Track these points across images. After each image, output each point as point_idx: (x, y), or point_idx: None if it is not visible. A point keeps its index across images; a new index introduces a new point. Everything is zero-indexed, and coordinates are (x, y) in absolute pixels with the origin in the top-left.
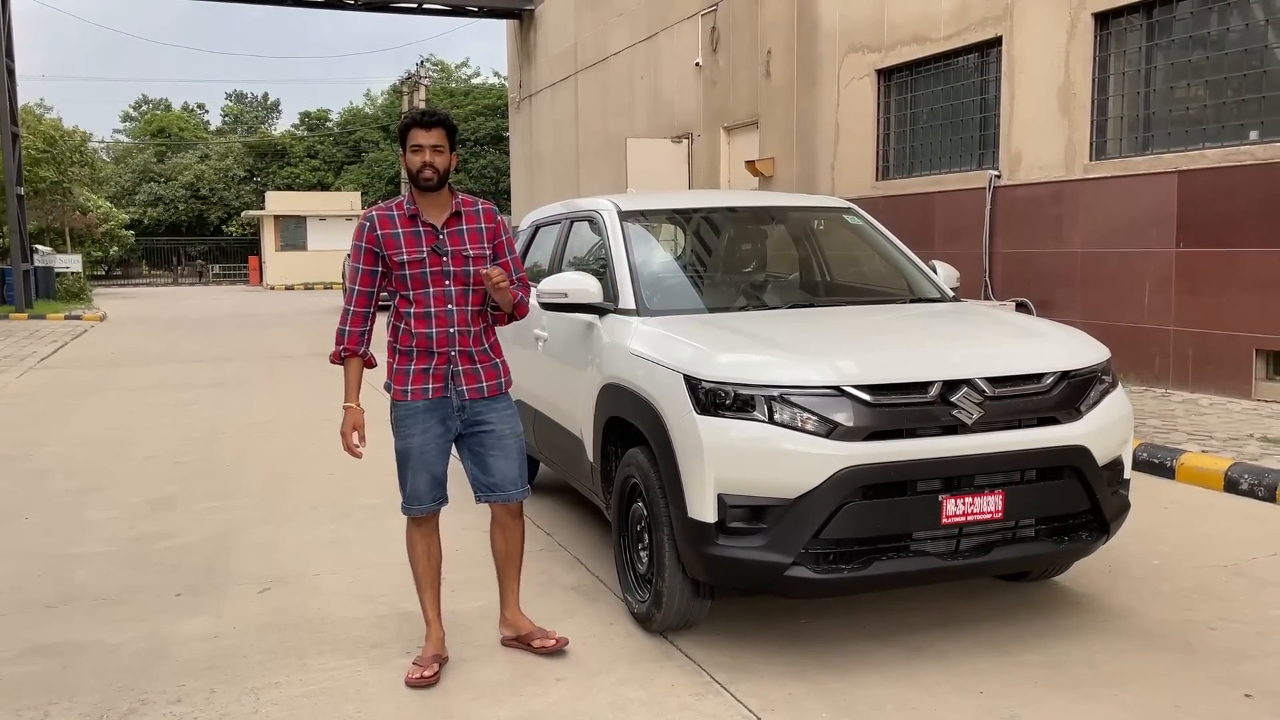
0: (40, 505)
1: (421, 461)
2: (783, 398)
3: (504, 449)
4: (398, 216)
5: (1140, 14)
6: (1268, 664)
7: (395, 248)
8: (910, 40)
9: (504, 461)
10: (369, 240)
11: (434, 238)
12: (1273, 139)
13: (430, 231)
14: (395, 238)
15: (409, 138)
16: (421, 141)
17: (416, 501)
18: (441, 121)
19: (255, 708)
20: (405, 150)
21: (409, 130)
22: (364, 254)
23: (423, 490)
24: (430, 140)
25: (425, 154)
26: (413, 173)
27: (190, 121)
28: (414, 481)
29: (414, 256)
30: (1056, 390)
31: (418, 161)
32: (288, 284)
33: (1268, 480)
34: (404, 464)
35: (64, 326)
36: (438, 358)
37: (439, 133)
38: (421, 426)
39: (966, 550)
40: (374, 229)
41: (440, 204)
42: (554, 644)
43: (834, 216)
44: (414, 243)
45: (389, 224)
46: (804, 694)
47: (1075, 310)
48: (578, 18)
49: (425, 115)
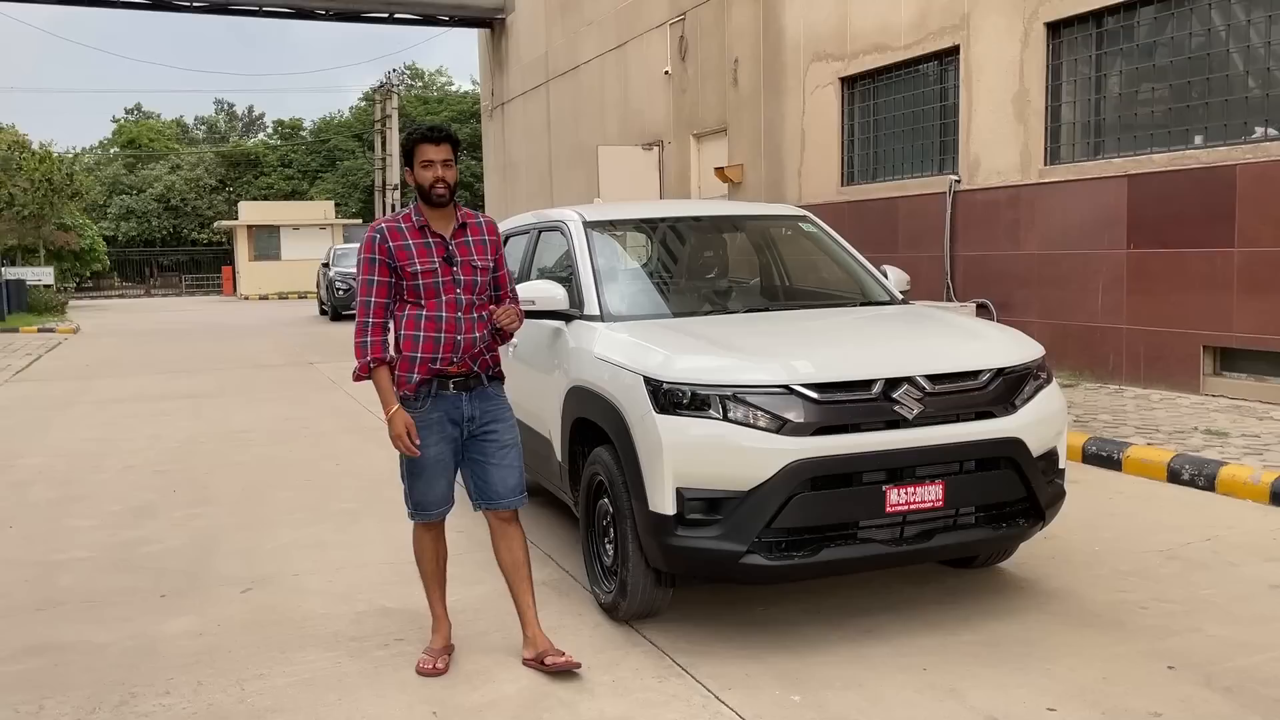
0: (22, 515)
1: (437, 469)
2: (736, 397)
3: (505, 458)
4: (406, 228)
5: (1090, 24)
6: (1191, 639)
7: (408, 259)
8: (872, 49)
9: (505, 471)
10: (381, 252)
11: (444, 248)
12: (1216, 143)
13: (440, 242)
14: (407, 249)
15: (418, 153)
16: (432, 157)
17: (429, 509)
18: (449, 136)
19: (241, 697)
20: (414, 166)
21: (418, 145)
22: (377, 266)
23: (439, 496)
24: (440, 155)
25: (437, 169)
26: (425, 188)
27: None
28: (428, 490)
29: (426, 266)
30: (992, 386)
31: (430, 177)
32: (262, 294)
33: (1207, 470)
34: (419, 474)
35: (37, 339)
36: (442, 362)
37: (447, 147)
38: (436, 437)
39: (910, 537)
40: (385, 241)
41: (447, 216)
42: (565, 660)
43: (791, 224)
44: (425, 253)
45: (399, 235)
46: (760, 674)
47: (1032, 310)
48: (548, 27)
49: (434, 130)
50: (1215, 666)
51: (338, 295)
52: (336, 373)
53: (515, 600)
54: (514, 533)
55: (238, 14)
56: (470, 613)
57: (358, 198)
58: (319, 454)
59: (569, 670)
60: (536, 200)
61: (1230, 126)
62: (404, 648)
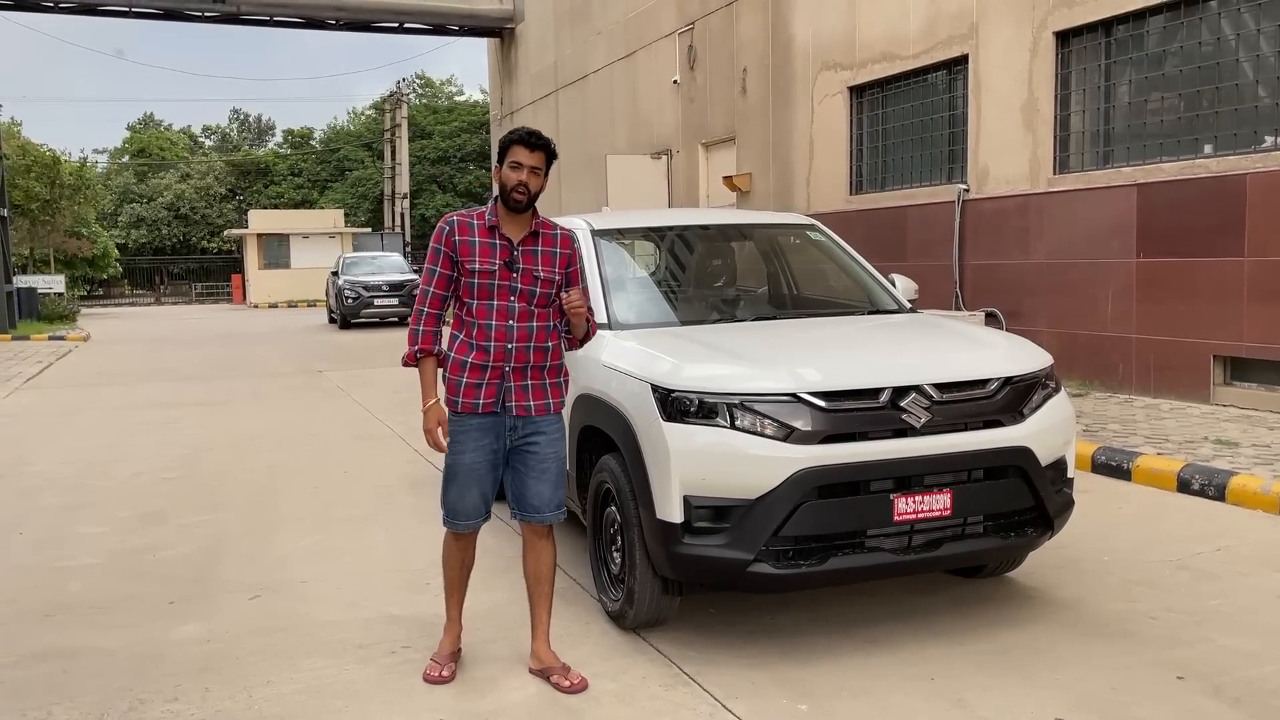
0: (32, 521)
1: (471, 478)
2: (743, 405)
3: (545, 472)
4: (477, 225)
5: (1099, 33)
6: (1200, 649)
7: (470, 255)
8: (881, 58)
9: (543, 484)
10: (447, 244)
11: (509, 252)
12: (1226, 152)
13: (506, 246)
14: (471, 245)
15: (510, 153)
16: (523, 160)
17: (462, 517)
18: (545, 146)
19: (249, 704)
20: (502, 164)
21: (512, 146)
22: (441, 257)
23: (470, 507)
24: (531, 161)
25: (523, 173)
26: (505, 188)
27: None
28: (462, 498)
29: (486, 266)
30: (1000, 395)
31: (514, 179)
32: (271, 302)
33: (1217, 480)
34: (451, 479)
35: (48, 347)
36: (491, 371)
37: (541, 156)
38: (474, 443)
39: (918, 546)
40: (453, 234)
41: (522, 222)
42: (569, 685)
43: (799, 233)
44: (489, 253)
45: (468, 231)
46: (766, 683)
47: (1042, 319)
48: (557, 36)
49: (532, 135)
50: (1224, 677)
51: (346, 304)
52: (345, 380)
53: (531, 611)
54: (545, 547)
55: (249, 24)
56: (478, 620)
57: (367, 207)
58: (327, 461)
59: (576, 692)
60: (545, 208)
61: (1240, 135)
62: (411, 655)
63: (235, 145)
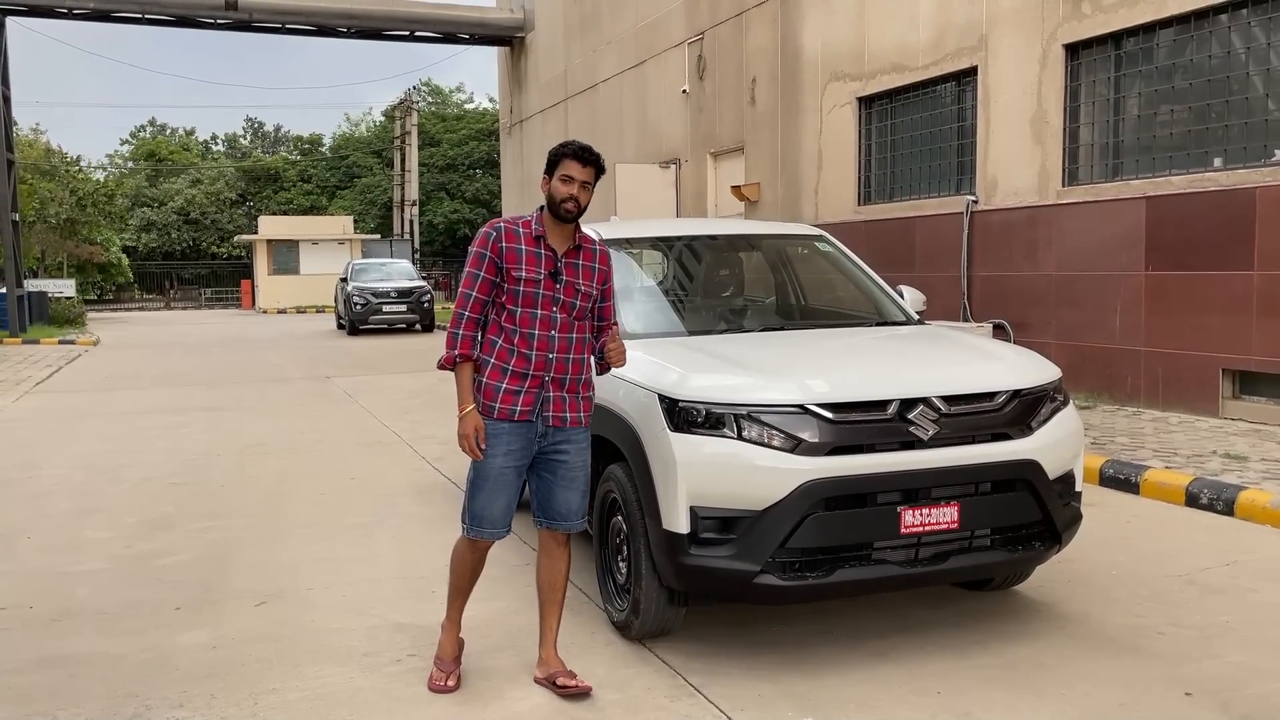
0: (40, 526)
1: (500, 483)
2: (751, 416)
3: (572, 481)
4: (523, 233)
5: (1109, 45)
6: (1209, 665)
7: (516, 262)
8: (890, 69)
9: (569, 493)
10: (493, 250)
11: (553, 263)
12: (1235, 166)
13: (551, 256)
14: (517, 253)
15: (562, 166)
16: (574, 174)
17: (488, 525)
18: (596, 161)
19: (254, 711)
20: (553, 176)
21: (564, 159)
22: (486, 262)
23: (497, 516)
24: (583, 175)
25: (574, 187)
26: (555, 201)
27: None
28: (488, 503)
29: (531, 275)
30: (1008, 408)
31: (565, 192)
32: (280, 308)
33: (1226, 495)
34: (480, 483)
35: (57, 351)
36: (531, 380)
37: (592, 170)
38: (505, 448)
39: (925, 559)
40: (499, 240)
41: (567, 234)
42: (575, 685)
43: (807, 243)
44: (534, 262)
45: (514, 238)
46: (773, 695)
47: (1050, 331)
48: (567, 45)
49: (585, 150)
50: (1233, 694)
51: (355, 310)
52: (353, 386)
53: (541, 618)
54: (562, 554)
55: (260, 31)
56: (483, 629)
57: (376, 214)
58: (335, 468)
59: (581, 694)
60: None
61: (1250, 149)
62: (416, 663)
63: (246, 151)
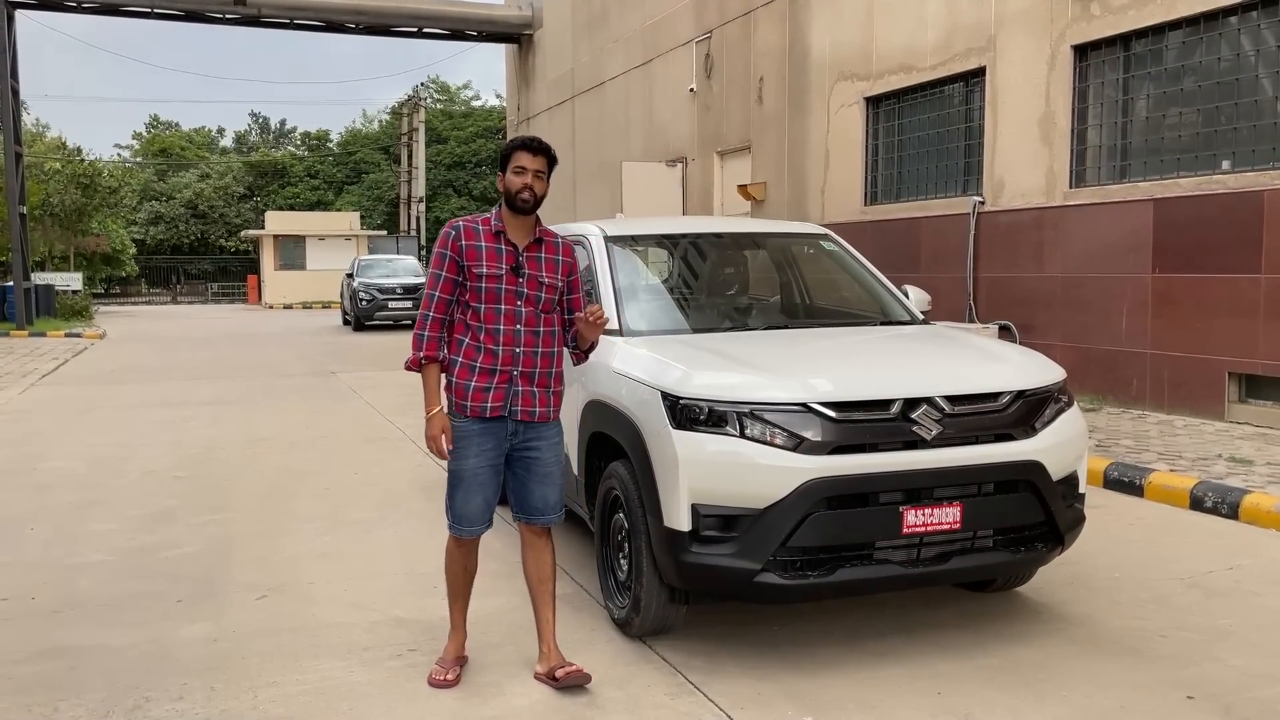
0: (43, 518)
1: (475, 483)
2: (753, 414)
3: (546, 476)
4: (482, 230)
5: (1118, 47)
6: (1210, 668)
7: (477, 259)
8: (897, 69)
9: (546, 488)
10: (453, 249)
11: (514, 258)
12: (1243, 168)
13: (512, 251)
14: (478, 250)
15: (514, 159)
16: (526, 164)
17: (467, 524)
18: (546, 150)
19: (254, 704)
20: (506, 170)
21: (515, 152)
22: (448, 262)
23: (475, 513)
24: (535, 165)
25: (528, 177)
26: (511, 193)
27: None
28: (467, 504)
29: (493, 271)
30: (1012, 409)
31: (519, 183)
32: (286, 303)
33: (1231, 498)
34: (456, 485)
35: (64, 344)
36: (499, 375)
37: (543, 160)
38: (477, 448)
39: (926, 559)
40: (459, 238)
41: (526, 228)
42: (574, 669)
43: (812, 243)
44: (495, 258)
45: (473, 236)
46: (772, 694)
47: (1056, 333)
48: (575, 43)
49: (534, 141)
50: (1235, 697)
51: (361, 306)
52: (358, 382)
53: (536, 614)
54: (544, 546)
55: (269, 26)
56: (483, 625)
57: (382, 210)
58: (338, 463)
59: (579, 683)
60: (560, 214)
61: (1259, 152)
62: (416, 658)
63: (253, 146)
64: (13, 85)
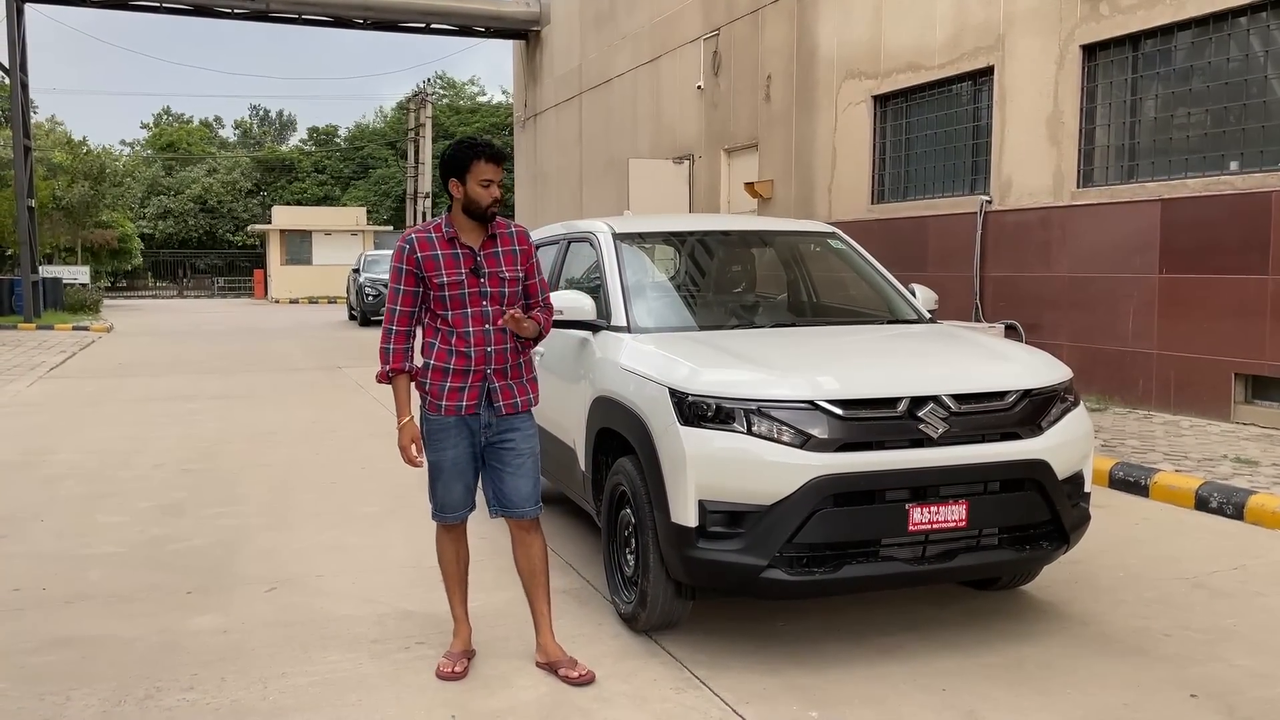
0: (53, 510)
1: (455, 472)
2: (760, 411)
3: (521, 467)
4: (436, 239)
5: (1127, 47)
6: (1214, 668)
7: (435, 269)
8: (905, 68)
9: (520, 480)
10: (409, 263)
11: (472, 260)
12: (1251, 170)
13: (469, 254)
14: (435, 259)
15: (476, 170)
16: (491, 176)
17: (450, 510)
18: (505, 156)
19: (264, 695)
20: (466, 180)
21: (475, 163)
22: (405, 275)
23: (456, 500)
24: (498, 175)
25: (495, 190)
26: (481, 206)
27: (200, 135)
28: (447, 493)
29: (453, 278)
30: (1019, 407)
31: (489, 196)
32: (292, 298)
33: (1236, 499)
34: (437, 476)
35: (71, 337)
36: (474, 375)
37: (501, 168)
38: (454, 440)
39: (932, 556)
40: (414, 251)
41: (479, 228)
42: (578, 676)
43: (820, 241)
44: (453, 264)
45: (428, 246)
46: (778, 689)
47: (1062, 333)
48: (583, 40)
49: (493, 149)
50: (1238, 697)
51: (367, 301)
52: (364, 378)
53: (531, 606)
54: (533, 540)
55: (278, 21)
56: (490, 618)
57: (389, 205)
58: (346, 457)
59: (584, 684)
60: (567, 211)
61: (1267, 153)
62: (424, 651)
63: (256, 140)
64: (21, 79)
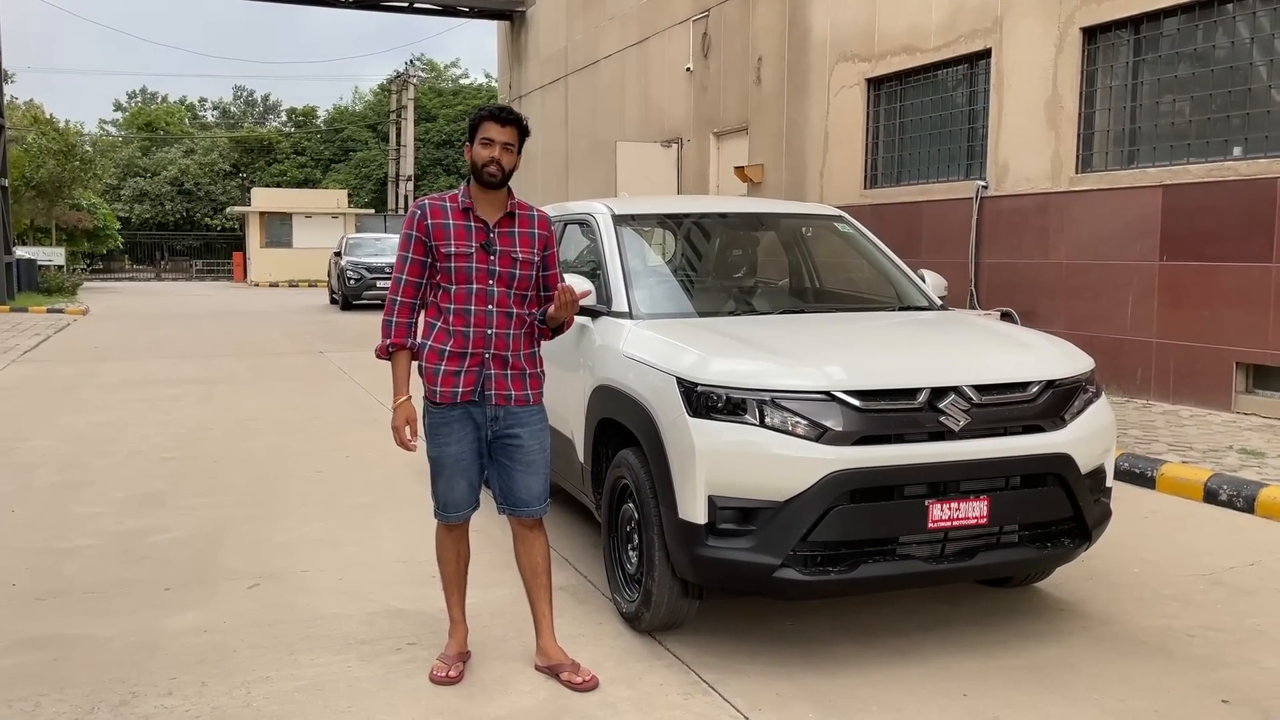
0: (26, 499)
1: (457, 469)
2: (774, 402)
3: (530, 465)
4: (450, 208)
5: (1128, 29)
6: (1244, 670)
7: (444, 238)
8: (900, 50)
9: (529, 477)
10: (419, 229)
11: (484, 234)
12: (1255, 155)
13: (481, 228)
14: (445, 228)
15: (481, 129)
16: (494, 136)
17: (453, 509)
18: (517, 120)
19: (246, 701)
20: (473, 142)
21: (483, 123)
22: (414, 243)
23: (459, 498)
24: (503, 137)
25: (495, 149)
26: (478, 166)
27: (177, 115)
28: (450, 490)
29: (462, 249)
30: (1041, 399)
31: (486, 155)
32: (272, 281)
33: (1246, 491)
34: (439, 472)
35: (46, 320)
36: (470, 359)
37: (512, 131)
38: (457, 435)
39: (951, 554)
40: (425, 218)
41: (497, 202)
42: (581, 682)
43: (825, 224)
44: (464, 236)
45: (440, 214)
46: (791, 694)
47: (1059, 321)
48: (569, 21)
49: (503, 111)
50: (1273, 701)
51: (348, 284)
52: (347, 362)
53: (531, 607)
54: (535, 539)
55: None
56: (487, 617)
57: (370, 188)
58: (330, 445)
59: (588, 689)
60: (553, 195)
61: (1271, 138)
62: (417, 652)
63: (237, 121)
64: None
